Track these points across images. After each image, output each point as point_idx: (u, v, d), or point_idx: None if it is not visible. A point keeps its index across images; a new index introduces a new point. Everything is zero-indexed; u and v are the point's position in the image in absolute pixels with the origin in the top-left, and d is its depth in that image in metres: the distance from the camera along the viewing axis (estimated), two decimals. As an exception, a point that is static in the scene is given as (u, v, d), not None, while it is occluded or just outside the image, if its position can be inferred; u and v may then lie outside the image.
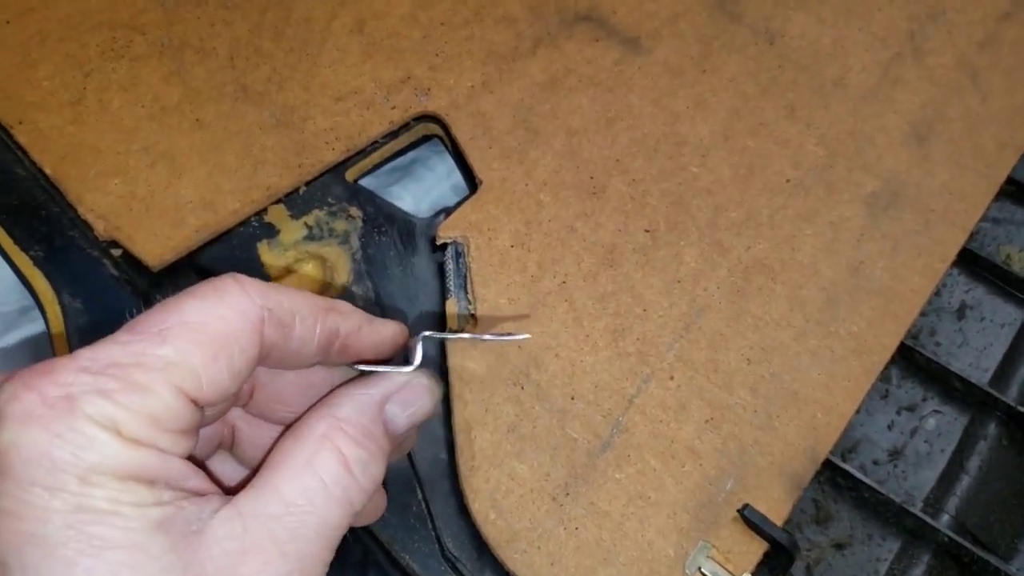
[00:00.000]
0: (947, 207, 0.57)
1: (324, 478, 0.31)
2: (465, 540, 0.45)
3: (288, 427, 0.34)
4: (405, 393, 0.35)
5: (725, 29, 0.64)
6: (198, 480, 0.30)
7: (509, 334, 0.40)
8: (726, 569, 0.45)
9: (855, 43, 0.64)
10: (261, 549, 0.28)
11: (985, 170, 0.59)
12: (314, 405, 0.34)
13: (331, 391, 0.36)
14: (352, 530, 0.45)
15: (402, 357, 0.37)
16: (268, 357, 0.32)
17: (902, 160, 0.59)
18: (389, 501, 0.45)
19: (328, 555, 0.30)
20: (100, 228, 0.51)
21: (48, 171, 0.52)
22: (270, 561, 0.28)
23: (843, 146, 0.59)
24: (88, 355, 0.28)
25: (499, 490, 0.46)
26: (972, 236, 0.57)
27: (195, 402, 0.29)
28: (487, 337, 0.42)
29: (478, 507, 0.45)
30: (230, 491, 0.30)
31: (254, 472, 0.31)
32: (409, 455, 0.47)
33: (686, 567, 0.45)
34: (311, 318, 0.33)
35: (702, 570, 0.45)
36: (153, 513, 0.27)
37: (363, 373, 0.36)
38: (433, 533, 0.45)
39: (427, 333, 0.37)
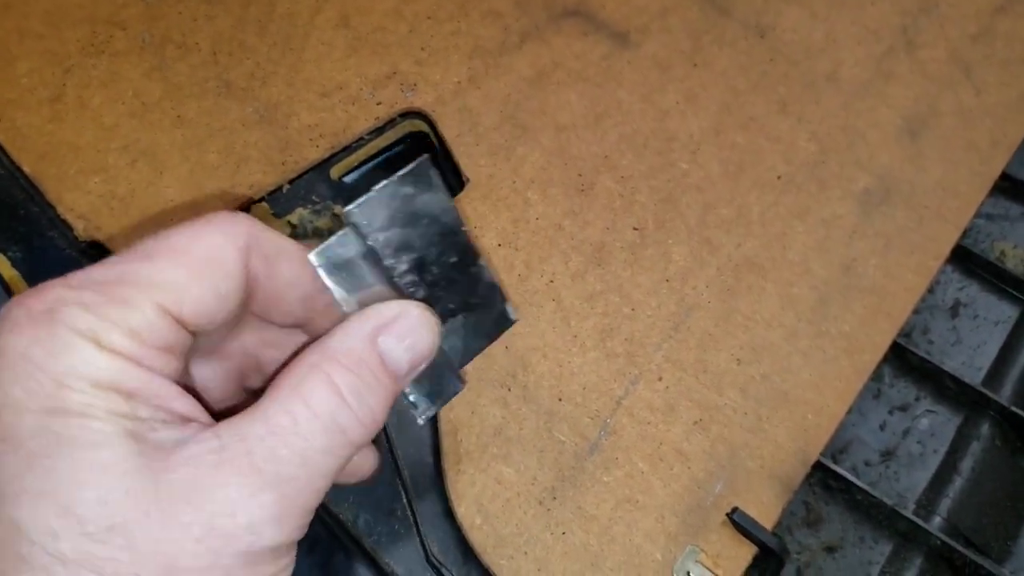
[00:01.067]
0: (940, 203, 0.57)
1: (311, 403, 0.29)
2: (451, 545, 0.44)
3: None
4: (399, 325, 0.32)
5: (715, 23, 0.63)
6: (184, 405, 0.29)
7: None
8: (715, 574, 0.44)
9: (847, 37, 0.63)
10: (235, 464, 0.27)
11: (979, 166, 0.59)
12: (307, 343, 0.33)
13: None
14: (334, 534, 0.45)
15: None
16: (254, 296, 0.32)
17: (895, 156, 0.58)
18: (373, 506, 0.45)
19: (315, 486, 0.29)
20: (80, 228, 0.50)
21: (27, 170, 0.51)
22: (244, 475, 0.27)
23: (835, 142, 0.58)
24: (77, 275, 0.28)
25: (485, 494, 0.45)
26: (966, 233, 0.57)
27: (180, 322, 0.29)
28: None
29: (464, 511, 0.45)
30: None
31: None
32: (394, 458, 0.46)
33: (674, 572, 0.44)
34: (297, 261, 0.32)
35: (690, 575, 0.44)
36: (126, 423, 0.27)
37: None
38: (418, 538, 0.44)
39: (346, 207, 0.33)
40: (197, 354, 0.34)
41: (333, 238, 0.32)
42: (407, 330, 0.32)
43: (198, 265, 0.29)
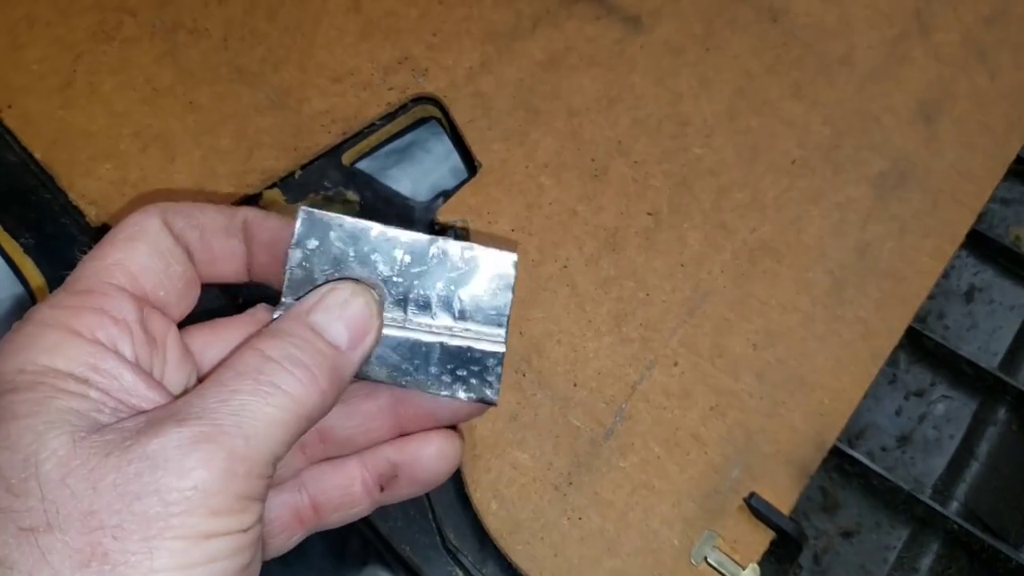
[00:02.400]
0: (955, 187, 0.56)
1: (240, 369, 0.30)
2: (467, 531, 0.44)
3: None
4: (327, 299, 0.33)
5: (728, 7, 0.62)
6: (140, 401, 0.30)
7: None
8: (732, 559, 0.44)
9: (860, 20, 0.63)
10: (159, 424, 0.27)
11: (994, 149, 0.58)
12: None
13: None
14: (351, 523, 0.44)
15: None
16: (188, 245, 0.35)
17: (909, 139, 0.58)
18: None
19: (248, 435, 0.28)
20: (92, 214, 0.50)
21: (38, 156, 0.51)
22: (167, 429, 0.27)
23: (849, 125, 0.58)
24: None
25: (501, 480, 0.45)
26: (980, 217, 0.56)
27: (137, 295, 0.32)
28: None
29: (479, 497, 0.44)
30: None
31: None
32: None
33: (692, 557, 0.44)
34: (222, 217, 0.35)
35: (708, 560, 0.44)
36: (69, 400, 0.28)
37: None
38: (434, 524, 0.44)
39: (304, 206, 0.36)
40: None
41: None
42: (336, 302, 0.33)
43: (129, 240, 0.33)
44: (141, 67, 0.55)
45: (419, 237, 0.36)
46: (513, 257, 0.36)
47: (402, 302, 0.36)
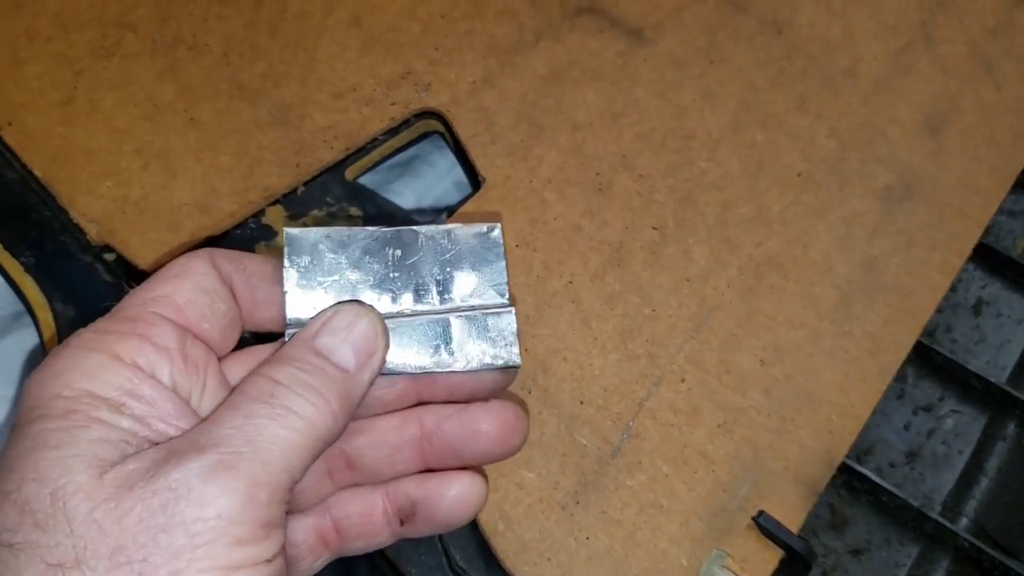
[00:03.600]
0: (962, 200, 0.56)
1: (252, 394, 0.30)
2: (473, 552, 0.44)
3: None
4: (332, 322, 0.34)
5: (731, 19, 0.62)
6: (170, 428, 0.30)
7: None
8: (741, 578, 0.43)
9: (865, 32, 0.63)
10: (180, 453, 0.28)
11: (1000, 162, 0.58)
12: None
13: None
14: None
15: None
16: (233, 286, 0.35)
17: (915, 152, 0.58)
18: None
19: (266, 460, 0.28)
20: (92, 232, 0.49)
21: (38, 173, 0.51)
22: (187, 458, 0.27)
23: (855, 138, 0.58)
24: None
25: (507, 500, 0.44)
26: (987, 230, 0.56)
27: (179, 326, 0.32)
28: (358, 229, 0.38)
29: (486, 518, 0.44)
30: None
31: None
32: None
33: (700, 577, 0.43)
34: (258, 256, 0.37)
35: (717, 580, 0.43)
36: (100, 430, 0.28)
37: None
38: (440, 546, 0.44)
39: (287, 229, 0.37)
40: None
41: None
42: (342, 324, 0.34)
43: (177, 277, 0.33)
44: (142, 83, 0.54)
45: (403, 230, 0.37)
46: (497, 226, 0.38)
47: (405, 294, 0.36)
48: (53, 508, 0.26)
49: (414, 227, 0.37)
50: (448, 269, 0.37)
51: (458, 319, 0.36)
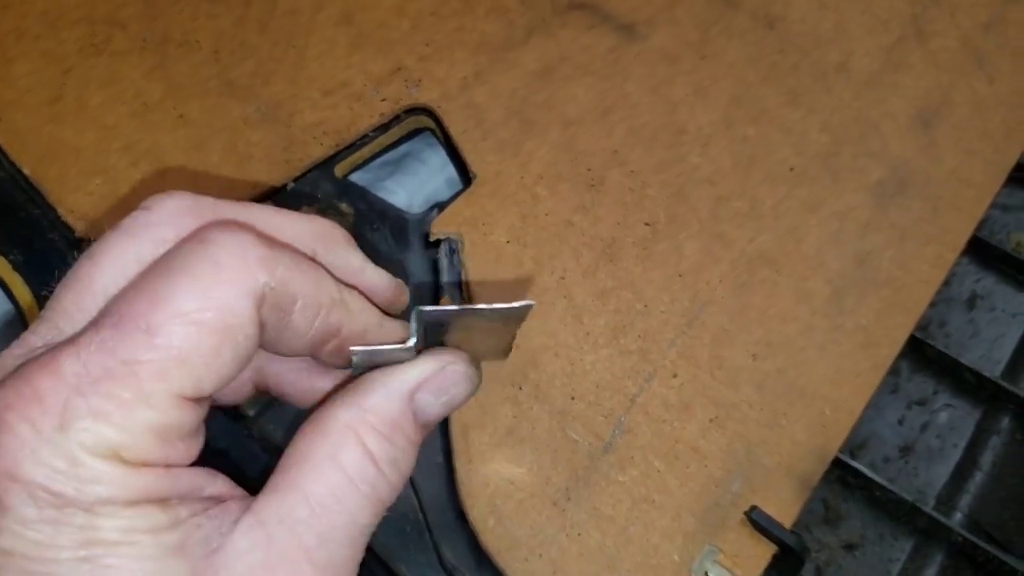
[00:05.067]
0: (955, 194, 0.56)
1: (351, 474, 0.28)
2: (463, 549, 0.43)
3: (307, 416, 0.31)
4: (440, 380, 0.31)
5: (723, 15, 0.62)
6: (215, 486, 0.28)
7: (511, 304, 0.34)
8: (733, 573, 0.43)
9: (857, 27, 0.63)
10: (289, 559, 0.26)
11: (993, 155, 0.58)
12: (338, 392, 0.31)
13: (357, 377, 0.32)
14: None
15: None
16: (263, 338, 0.29)
17: (908, 146, 0.57)
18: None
19: (357, 558, 0.28)
20: (81, 229, 0.49)
21: (27, 172, 0.51)
22: (300, 573, 0.26)
23: (847, 133, 0.57)
24: (72, 367, 0.25)
25: (498, 495, 0.44)
26: (981, 224, 0.56)
27: (198, 400, 0.26)
28: (484, 306, 0.34)
29: (476, 514, 0.44)
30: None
31: (269, 469, 0.29)
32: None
33: (692, 572, 0.43)
34: (313, 308, 0.29)
35: (709, 575, 0.43)
36: (169, 538, 0.25)
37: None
38: (430, 542, 0.43)
39: (422, 308, 0.32)
40: None
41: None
42: (448, 385, 0.32)
43: (213, 339, 0.26)
44: (131, 81, 0.54)
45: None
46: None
47: None
48: None
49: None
50: None
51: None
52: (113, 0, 0.57)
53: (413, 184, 0.58)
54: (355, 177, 0.55)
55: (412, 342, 0.32)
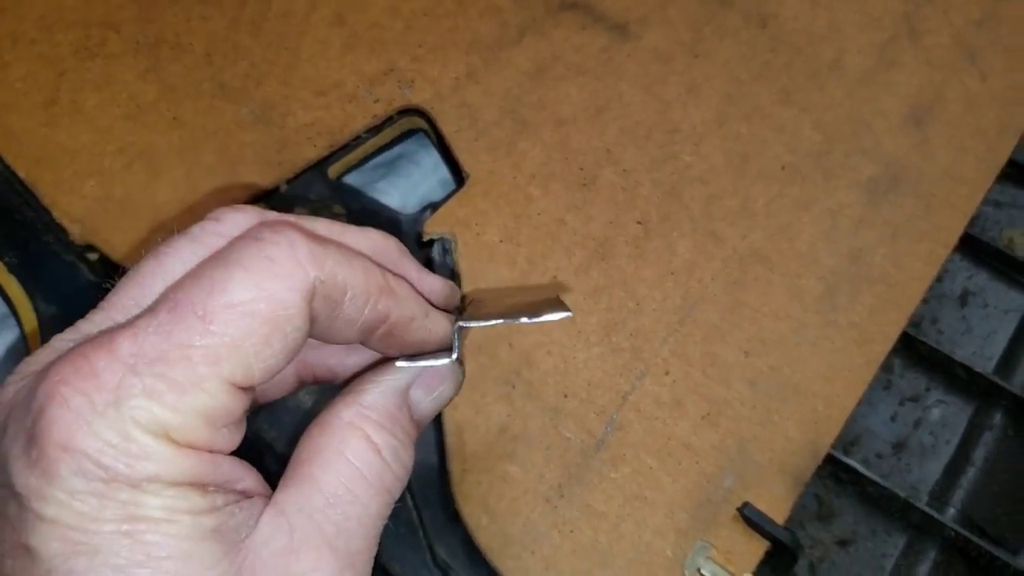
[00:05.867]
0: (948, 191, 0.56)
1: (358, 465, 0.30)
2: (457, 547, 0.44)
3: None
4: (429, 377, 0.34)
5: (715, 13, 0.62)
6: (248, 481, 0.29)
7: (549, 313, 0.36)
8: (726, 569, 0.43)
9: (849, 25, 0.63)
10: (311, 546, 0.28)
11: (985, 152, 0.58)
12: (339, 392, 0.33)
13: (355, 376, 0.35)
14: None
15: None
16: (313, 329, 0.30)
17: (901, 144, 0.57)
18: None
19: (373, 548, 0.30)
20: (76, 232, 0.49)
21: (22, 174, 0.51)
22: (322, 558, 0.28)
23: (840, 131, 0.58)
24: (129, 348, 0.26)
25: (491, 494, 0.44)
26: (973, 220, 0.56)
27: (245, 389, 0.28)
28: (526, 320, 0.36)
29: (469, 512, 0.44)
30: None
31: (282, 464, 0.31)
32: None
33: (685, 568, 0.43)
34: (362, 297, 0.30)
35: (701, 571, 0.43)
36: (207, 521, 0.26)
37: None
38: (424, 540, 0.44)
39: (463, 323, 0.36)
40: None
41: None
42: (436, 382, 0.34)
43: (265, 328, 0.27)
44: (125, 83, 0.54)
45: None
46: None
47: None
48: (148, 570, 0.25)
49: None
50: None
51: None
52: (107, 3, 0.57)
53: (406, 185, 0.59)
54: (349, 179, 0.55)
55: (455, 356, 0.35)
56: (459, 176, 0.54)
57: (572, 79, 0.58)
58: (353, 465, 0.30)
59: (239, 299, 0.27)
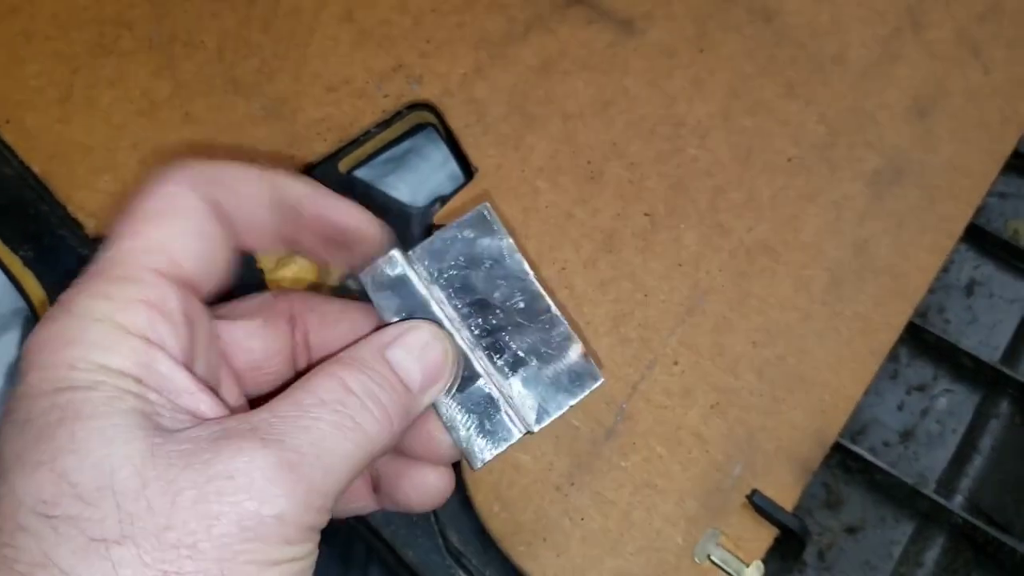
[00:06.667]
0: (952, 182, 0.56)
1: (318, 392, 0.29)
2: (469, 534, 0.44)
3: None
4: (408, 338, 0.33)
5: (720, 8, 0.62)
6: (193, 402, 0.28)
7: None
8: (736, 556, 0.44)
9: (853, 19, 0.63)
10: (240, 438, 0.26)
11: (990, 144, 0.58)
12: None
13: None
14: (352, 526, 0.44)
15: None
16: (235, 230, 0.32)
17: (905, 136, 0.58)
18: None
19: (328, 466, 0.28)
20: (90, 226, 0.50)
21: (36, 170, 0.51)
22: (247, 445, 0.26)
23: (844, 123, 0.58)
24: (80, 277, 0.29)
25: (502, 482, 0.45)
26: (979, 211, 0.56)
27: (182, 281, 0.30)
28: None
29: (481, 500, 0.44)
30: None
31: None
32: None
33: (695, 555, 0.44)
34: (252, 177, 0.33)
35: (711, 558, 0.44)
36: (132, 401, 0.27)
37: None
38: (436, 528, 0.44)
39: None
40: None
41: (380, 260, 0.34)
42: (417, 343, 0.33)
43: (174, 219, 0.30)
44: (138, 80, 0.55)
45: (542, 293, 0.35)
46: (598, 380, 0.35)
47: (484, 334, 0.35)
48: (99, 481, 0.25)
49: (550, 302, 0.35)
50: (533, 359, 0.35)
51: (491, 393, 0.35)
52: (121, 1, 0.58)
53: (415, 180, 0.59)
54: (359, 174, 0.56)
55: (396, 251, 0.34)
56: (468, 170, 0.55)
57: (578, 74, 0.58)
58: (319, 398, 0.29)
59: (149, 209, 0.31)
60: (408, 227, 0.53)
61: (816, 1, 0.64)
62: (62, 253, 0.49)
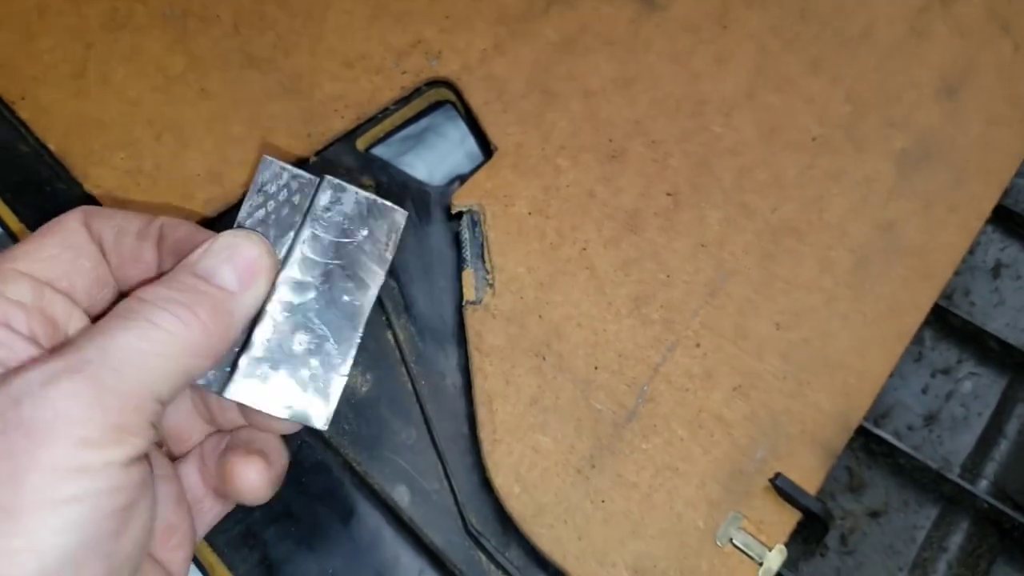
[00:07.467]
0: (981, 162, 0.55)
1: (114, 312, 0.30)
2: (489, 515, 0.44)
3: None
4: (212, 245, 0.33)
5: (745, -17, 0.61)
6: (17, 350, 0.30)
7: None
8: (758, 540, 0.43)
9: (880, -6, 0.62)
10: (26, 365, 0.29)
11: (1020, 123, 0.57)
12: None
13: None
14: (372, 508, 0.44)
15: None
16: (103, 243, 0.35)
17: (933, 114, 0.57)
18: (410, 479, 0.44)
19: (127, 385, 0.28)
20: (107, 204, 0.49)
21: (52, 147, 0.51)
22: (35, 367, 0.28)
23: (871, 101, 0.57)
24: None
25: (523, 464, 0.44)
26: (1007, 192, 0.55)
27: (36, 279, 0.32)
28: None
29: (501, 481, 0.44)
30: None
31: None
32: (429, 432, 0.45)
33: (717, 538, 0.43)
34: (132, 214, 0.36)
35: (733, 541, 0.43)
36: None
37: None
38: (456, 509, 0.44)
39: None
40: None
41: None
42: (221, 246, 0.33)
43: (43, 235, 0.33)
44: (152, 55, 0.54)
45: (365, 312, 0.36)
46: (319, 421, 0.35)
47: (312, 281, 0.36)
48: None
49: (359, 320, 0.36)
50: (321, 333, 0.35)
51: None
52: (134, -25, 0.57)
53: (434, 157, 0.58)
54: (376, 151, 0.55)
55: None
56: (487, 148, 0.54)
57: (600, 50, 0.57)
58: (112, 314, 0.30)
59: (35, 235, 0.34)
60: (427, 206, 0.52)
61: (842, -24, 0.62)
62: (78, 230, 0.48)
